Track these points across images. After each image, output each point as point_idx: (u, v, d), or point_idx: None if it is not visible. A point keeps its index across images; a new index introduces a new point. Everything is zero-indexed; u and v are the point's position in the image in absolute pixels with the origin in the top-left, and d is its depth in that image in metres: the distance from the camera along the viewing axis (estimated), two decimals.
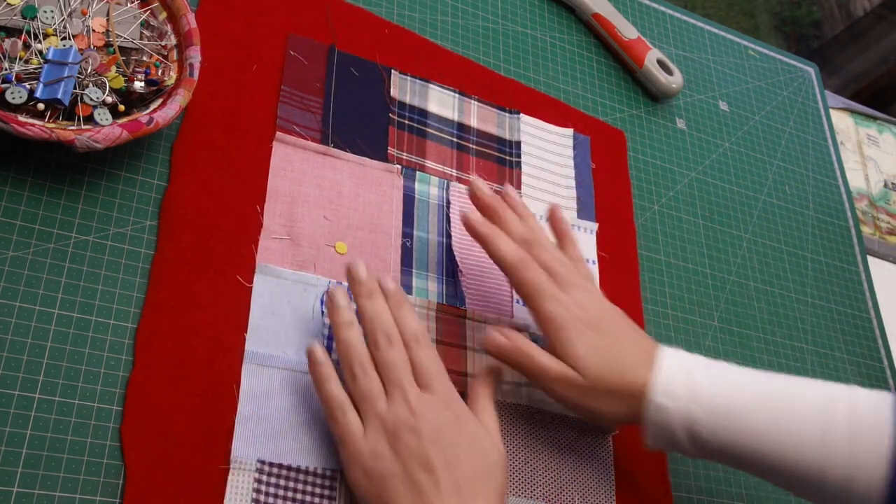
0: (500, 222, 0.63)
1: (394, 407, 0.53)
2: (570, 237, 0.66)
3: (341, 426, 0.53)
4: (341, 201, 0.64)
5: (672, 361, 0.59)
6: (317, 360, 0.55)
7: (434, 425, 0.52)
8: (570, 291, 0.61)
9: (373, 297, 0.57)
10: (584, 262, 0.65)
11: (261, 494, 0.52)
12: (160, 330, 0.54)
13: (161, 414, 0.52)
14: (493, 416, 0.57)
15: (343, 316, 0.56)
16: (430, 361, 0.56)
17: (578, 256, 0.65)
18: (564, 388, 0.59)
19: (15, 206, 0.54)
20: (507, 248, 0.61)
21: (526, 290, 0.61)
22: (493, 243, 0.62)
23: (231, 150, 0.62)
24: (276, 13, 0.69)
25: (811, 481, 0.55)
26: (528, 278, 0.60)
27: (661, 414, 0.57)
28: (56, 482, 0.48)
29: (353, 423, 0.53)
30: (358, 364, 0.54)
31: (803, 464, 0.55)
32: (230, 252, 0.58)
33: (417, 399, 0.53)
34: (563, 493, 0.62)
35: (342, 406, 0.53)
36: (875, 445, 0.53)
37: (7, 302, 0.51)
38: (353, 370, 0.54)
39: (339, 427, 0.53)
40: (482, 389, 0.58)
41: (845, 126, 1.13)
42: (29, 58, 0.54)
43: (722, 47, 0.99)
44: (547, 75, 0.83)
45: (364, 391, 0.54)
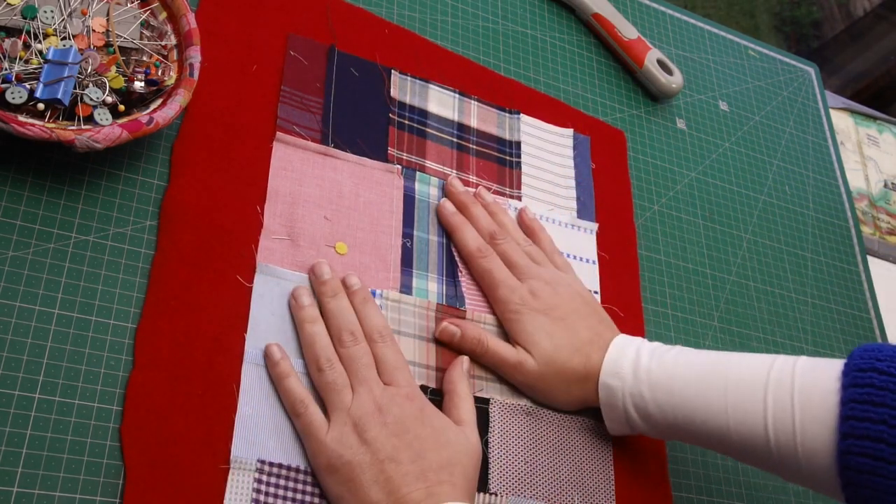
0: (469, 215, 0.67)
1: (359, 400, 0.54)
2: (540, 231, 0.69)
3: (304, 420, 0.54)
4: (341, 201, 0.64)
5: (622, 345, 0.62)
6: (274, 358, 0.56)
7: (399, 418, 0.54)
8: (526, 280, 0.64)
9: (336, 297, 0.58)
10: (559, 254, 0.69)
11: (261, 494, 0.52)
12: (160, 330, 0.54)
13: (161, 414, 0.52)
14: (468, 410, 0.58)
15: (307, 313, 0.58)
16: (394, 357, 0.57)
17: (551, 248, 0.69)
18: (520, 374, 0.62)
19: (15, 206, 0.54)
20: (470, 237, 0.66)
21: (483, 278, 0.65)
22: (459, 231, 0.66)
23: (231, 150, 0.62)
24: (276, 13, 0.69)
25: (758, 449, 0.55)
26: (484, 267, 0.65)
27: (611, 395, 0.61)
28: (56, 482, 0.48)
29: (316, 417, 0.54)
30: (324, 357, 0.56)
31: (748, 433, 0.55)
32: (230, 252, 0.58)
33: (382, 393, 0.55)
34: (563, 493, 0.62)
35: (303, 401, 0.54)
36: (820, 413, 0.53)
37: (7, 302, 0.51)
38: (319, 363, 0.56)
39: (301, 421, 0.54)
40: (456, 380, 0.60)
41: (845, 126, 1.13)
42: (29, 58, 0.54)
43: (722, 47, 0.99)
44: (547, 75, 0.83)
45: (330, 383, 0.55)
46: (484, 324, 0.65)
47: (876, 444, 0.50)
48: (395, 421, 0.53)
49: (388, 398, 0.55)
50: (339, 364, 0.56)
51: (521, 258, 0.65)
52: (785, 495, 0.73)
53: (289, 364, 0.56)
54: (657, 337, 0.74)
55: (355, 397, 0.54)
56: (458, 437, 0.55)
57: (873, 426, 0.50)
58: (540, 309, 0.63)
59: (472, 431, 0.57)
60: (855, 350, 0.55)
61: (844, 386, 0.52)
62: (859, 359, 0.53)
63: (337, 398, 0.54)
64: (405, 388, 0.56)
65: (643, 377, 0.59)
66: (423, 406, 0.56)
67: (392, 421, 0.53)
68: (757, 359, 0.58)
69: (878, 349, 0.53)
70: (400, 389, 0.56)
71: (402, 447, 0.53)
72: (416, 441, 0.53)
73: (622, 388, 0.60)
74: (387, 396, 0.55)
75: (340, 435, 0.53)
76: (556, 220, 0.73)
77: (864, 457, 0.50)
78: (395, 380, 0.56)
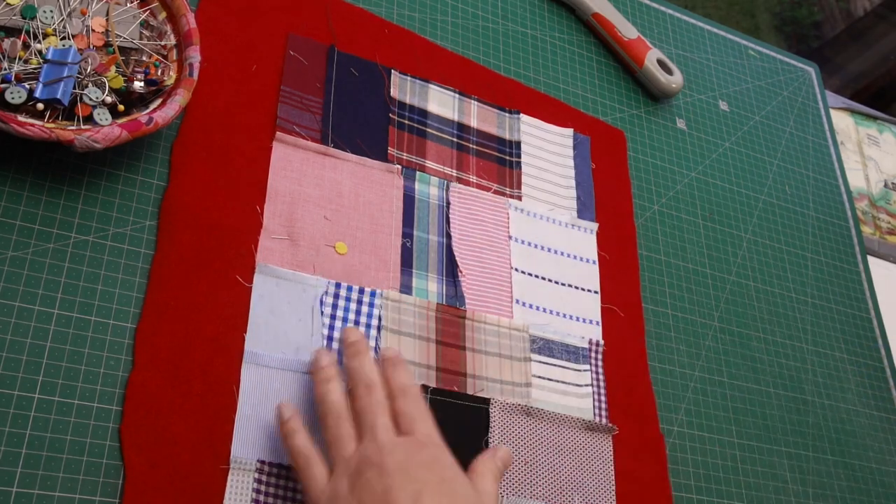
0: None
1: (362, 447, 0.51)
2: None
3: (305, 476, 0.51)
4: (341, 201, 0.64)
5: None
6: (283, 417, 0.54)
7: (401, 461, 0.49)
8: None
9: (359, 356, 0.56)
10: None
11: (260, 494, 0.52)
12: (160, 330, 0.54)
13: (161, 414, 0.52)
14: (490, 484, 0.53)
15: (324, 373, 0.55)
16: (415, 409, 0.53)
17: None
18: None
19: (15, 206, 0.54)
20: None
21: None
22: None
23: (231, 150, 0.61)
24: (276, 13, 0.69)
25: None
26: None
27: None
28: (56, 482, 0.48)
29: (318, 472, 0.51)
30: (333, 414, 0.53)
31: None
32: (230, 252, 0.58)
33: (389, 439, 0.51)
34: (563, 493, 0.62)
35: (307, 458, 0.51)
36: None
37: (7, 302, 0.51)
38: (327, 421, 0.53)
39: (303, 477, 0.51)
40: (485, 463, 0.55)
41: (845, 126, 1.13)
42: (28, 58, 0.54)
43: (722, 47, 0.99)
44: (547, 75, 0.82)
45: (334, 437, 0.52)
46: (485, 324, 0.65)
47: None
48: (395, 463, 0.48)
49: (393, 444, 0.50)
50: (347, 421, 0.52)
51: None
52: (785, 496, 0.73)
53: (298, 422, 0.53)
54: (657, 337, 0.74)
55: (359, 446, 0.51)
56: (466, 490, 0.50)
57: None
58: None
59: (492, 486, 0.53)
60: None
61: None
62: None
63: (339, 450, 0.51)
64: (421, 436, 0.51)
65: None
66: (438, 455, 0.50)
67: (392, 463, 0.48)
68: None
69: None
70: (415, 437, 0.51)
71: (397, 488, 0.47)
72: (417, 483, 0.47)
73: None
74: (393, 442, 0.50)
75: (337, 485, 0.49)
76: (556, 220, 0.73)
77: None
78: (413, 430, 0.52)
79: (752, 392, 0.77)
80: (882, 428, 0.83)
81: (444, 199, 0.69)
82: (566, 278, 0.71)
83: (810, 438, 0.78)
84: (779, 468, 0.74)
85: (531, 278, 0.70)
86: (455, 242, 0.68)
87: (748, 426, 0.75)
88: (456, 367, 0.63)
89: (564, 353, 0.68)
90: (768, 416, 0.77)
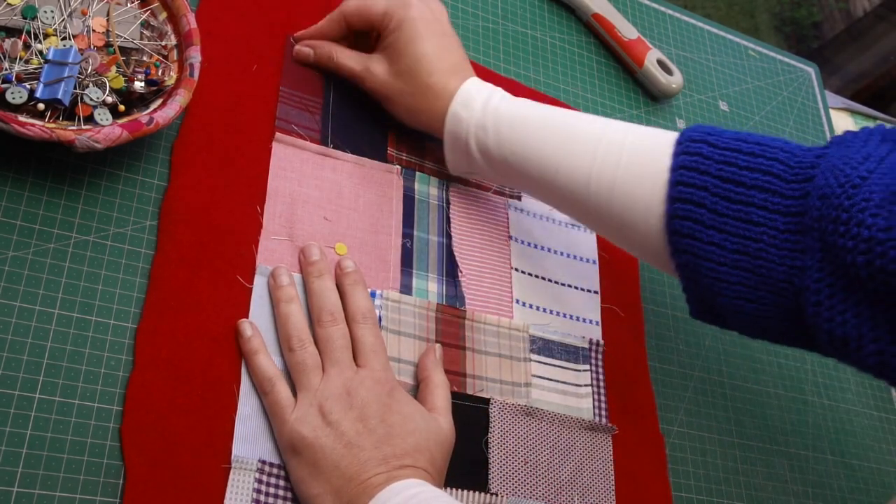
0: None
1: (328, 382, 0.54)
2: None
3: (270, 399, 0.54)
4: (341, 202, 0.64)
5: (478, 84, 0.64)
6: (244, 335, 0.55)
7: (366, 402, 0.53)
8: None
9: (322, 277, 0.58)
10: None
11: (261, 494, 0.52)
12: (160, 330, 0.54)
13: (161, 414, 0.52)
14: (443, 397, 0.58)
15: (284, 292, 0.57)
16: (372, 340, 0.57)
17: None
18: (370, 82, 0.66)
19: (15, 206, 0.54)
20: None
21: None
22: None
23: (231, 150, 0.62)
24: (276, 13, 0.69)
25: (579, 199, 0.60)
26: None
27: (457, 124, 0.63)
28: (56, 482, 0.48)
29: (283, 396, 0.54)
30: (296, 337, 0.55)
31: (572, 181, 0.59)
32: (230, 252, 0.58)
33: (353, 376, 0.54)
34: (563, 493, 0.62)
35: (270, 379, 0.54)
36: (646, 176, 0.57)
37: (7, 302, 0.51)
38: (291, 343, 0.55)
39: (268, 399, 0.54)
40: (430, 368, 0.60)
41: (845, 126, 1.13)
42: (29, 58, 0.54)
43: (722, 47, 0.99)
44: (547, 75, 0.83)
45: (299, 363, 0.55)
46: (485, 324, 0.65)
47: (698, 208, 0.54)
48: (361, 404, 0.53)
49: (357, 381, 0.54)
50: (312, 345, 0.56)
51: None
52: (785, 496, 0.73)
53: (260, 341, 0.55)
54: (657, 337, 0.74)
55: (324, 379, 0.54)
56: (427, 423, 0.55)
57: (697, 192, 0.54)
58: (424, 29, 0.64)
59: (446, 419, 0.57)
60: (690, 126, 0.58)
61: (677, 153, 0.56)
62: (693, 131, 0.57)
63: (305, 379, 0.54)
64: (378, 372, 0.55)
65: (490, 112, 0.62)
66: (392, 391, 0.55)
67: (359, 404, 0.53)
68: (599, 120, 0.61)
69: (710, 127, 0.57)
70: (372, 373, 0.55)
71: (366, 432, 0.52)
72: (381, 426, 0.53)
73: (469, 119, 0.62)
74: (357, 379, 0.54)
75: (305, 415, 0.52)
76: (556, 219, 0.73)
77: (688, 220, 0.54)
78: (369, 363, 0.56)
79: (752, 392, 0.77)
80: (882, 428, 0.83)
81: (444, 199, 0.69)
82: (566, 278, 0.71)
83: (810, 438, 0.78)
84: (779, 468, 0.74)
85: (531, 278, 0.70)
86: (455, 242, 0.68)
87: (748, 426, 0.75)
88: (456, 367, 0.63)
89: (564, 354, 0.68)
90: (768, 416, 0.77)
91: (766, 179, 0.53)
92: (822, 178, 0.50)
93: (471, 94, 0.63)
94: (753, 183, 0.53)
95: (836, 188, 0.49)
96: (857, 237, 0.47)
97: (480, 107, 0.62)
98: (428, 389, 0.58)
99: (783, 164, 0.53)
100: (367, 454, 0.51)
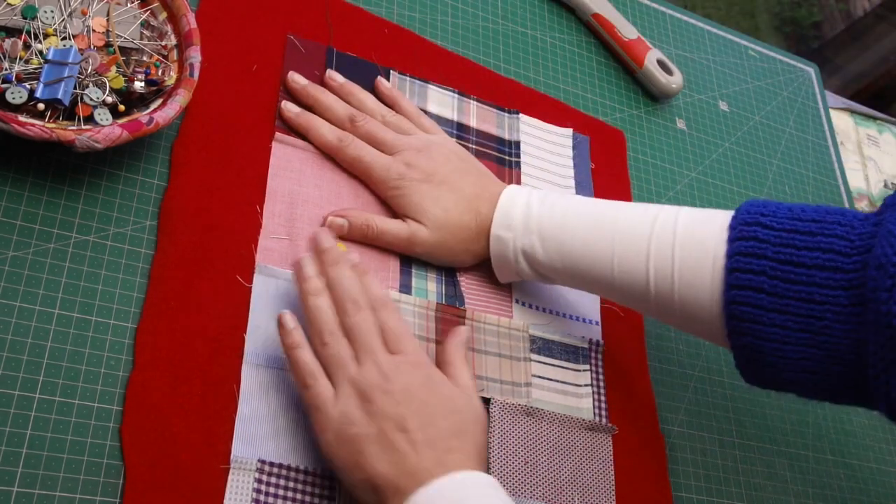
0: (320, 108, 0.66)
1: (365, 371, 0.53)
2: (400, 98, 0.69)
3: (312, 393, 0.53)
4: (341, 202, 0.64)
5: (511, 196, 0.64)
6: (287, 327, 0.55)
7: (405, 386, 0.53)
8: (398, 154, 0.64)
9: (339, 265, 0.58)
10: (425, 117, 0.69)
11: (261, 494, 0.52)
12: (160, 330, 0.54)
13: (161, 414, 0.52)
14: (467, 375, 0.58)
15: (311, 284, 0.57)
16: (397, 324, 0.56)
17: (416, 113, 0.68)
18: (417, 246, 0.63)
19: (15, 206, 0.54)
20: (326, 131, 0.64)
21: (355, 167, 0.65)
22: (312, 131, 0.64)
23: (231, 150, 0.62)
24: (276, 13, 0.69)
25: (639, 297, 0.60)
26: (352, 156, 0.64)
27: (502, 246, 0.63)
28: (56, 482, 0.48)
29: (325, 389, 0.53)
30: (327, 331, 0.55)
31: (631, 282, 0.59)
32: (230, 252, 0.58)
33: (388, 362, 0.54)
34: (563, 493, 0.62)
35: (313, 373, 0.54)
36: (701, 264, 0.56)
37: (7, 302, 0.51)
38: (323, 337, 0.55)
39: (310, 394, 0.53)
40: (454, 351, 0.59)
41: (845, 126, 1.13)
42: (29, 58, 0.54)
43: (722, 47, 0.99)
44: (547, 75, 0.83)
45: (334, 357, 0.54)
46: (485, 324, 0.65)
47: (757, 293, 0.54)
48: (401, 390, 0.52)
49: (393, 367, 0.53)
50: (343, 336, 0.55)
51: (386, 133, 0.65)
52: (785, 496, 0.73)
53: (302, 334, 0.55)
54: (657, 337, 0.74)
55: (361, 368, 0.53)
56: (466, 403, 0.55)
57: (755, 277, 0.54)
58: (419, 178, 0.63)
59: (476, 397, 0.57)
60: (742, 205, 0.58)
61: (731, 239, 0.56)
62: (746, 213, 0.56)
63: (342, 371, 0.53)
64: (411, 356, 0.55)
65: (534, 228, 0.62)
66: (429, 373, 0.55)
67: (398, 390, 0.52)
68: (643, 210, 0.61)
69: (763, 205, 0.57)
70: (406, 357, 0.55)
71: (410, 415, 0.52)
72: (424, 408, 0.52)
73: (513, 239, 0.62)
74: (392, 365, 0.54)
75: (347, 407, 0.52)
76: None
77: (747, 305, 0.54)
78: (400, 348, 0.55)
79: (752, 392, 0.77)
80: (882, 428, 0.83)
81: None
82: None
83: (810, 438, 0.78)
84: (779, 468, 0.74)
85: None
86: None
87: (748, 426, 0.75)
88: None
89: (564, 353, 0.68)
90: (768, 416, 0.77)
91: (827, 258, 0.53)
92: (879, 247, 0.50)
93: (508, 213, 0.63)
94: (814, 263, 0.53)
95: (892, 256, 0.48)
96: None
97: (521, 224, 0.62)
98: (451, 372, 0.58)
99: (843, 240, 0.53)
100: (413, 437, 0.51)
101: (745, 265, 0.54)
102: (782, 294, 0.53)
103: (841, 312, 0.52)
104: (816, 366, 0.54)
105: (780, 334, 0.54)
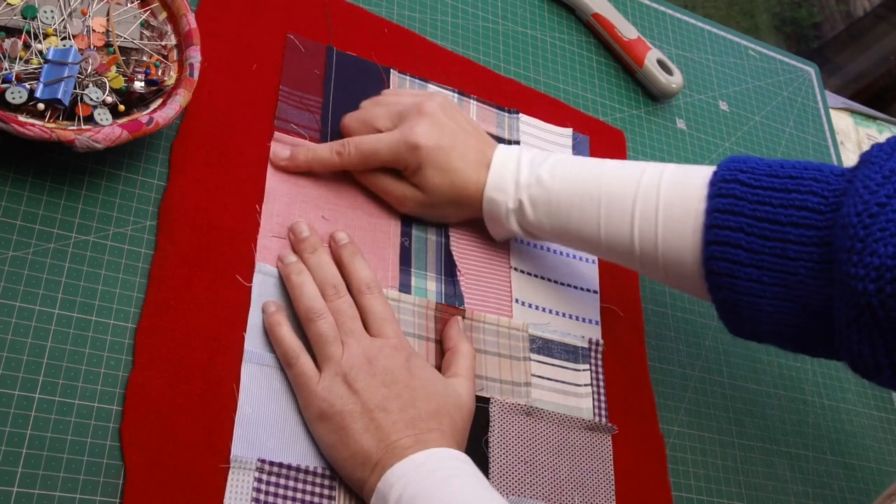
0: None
1: (349, 352, 0.55)
2: None
3: (295, 370, 0.55)
4: (339, 201, 0.64)
5: (501, 158, 0.65)
6: (268, 310, 0.57)
7: (387, 368, 0.55)
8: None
9: (316, 252, 0.59)
10: None
11: (261, 494, 0.52)
12: (160, 330, 0.54)
13: (161, 414, 0.52)
14: (467, 367, 0.60)
15: (293, 267, 0.58)
16: (381, 308, 0.58)
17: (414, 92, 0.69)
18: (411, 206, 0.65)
19: (15, 206, 0.54)
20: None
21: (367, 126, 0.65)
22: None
23: (230, 149, 0.62)
24: (275, 13, 0.69)
25: (625, 256, 0.62)
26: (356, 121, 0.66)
27: (494, 207, 0.64)
28: (56, 482, 0.48)
29: (308, 367, 0.55)
30: (313, 308, 0.57)
31: (617, 243, 0.61)
32: (230, 252, 0.58)
33: (370, 344, 0.56)
34: (563, 493, 0.62)
35: (295, 350, 0.55)
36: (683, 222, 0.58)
37: (7, 302, 0.51)
38: (308, 313, 0.56)
39: (293, 371, 0.55)
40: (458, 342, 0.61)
41: (845, 126, 1.13)
42: (29, 58, 0.54)
43: (722, 47, 0.99)
44: (547, 75, 0.83)
45: (320, 335, 0.56)
46: (485, 323, 0.65)
47: (734, 249, 0.56)
48: (383, 371, 0.55)
49: (376, 349, 0.56)
50: (330, 315, 0.57)
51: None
52: (785, 496, 0.73)
53: (283, 315, 0.57)
54: (657, 337, 0.74)
55: (345, 349, 0.55)
56: (446, 388, 0.57)
57: (733, 233, 0.56)
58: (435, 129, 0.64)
59: (465, 385, 0.58)
60: (722, 162, 0.59)
61: (710, 196, 0.57)
62: (725, 170, 0.57)
63: (327, 350, 0.55)
64: (392, 339, 0.57)
65: (523, 192, 0.63)
66: (410, 357, 0.57)
67: (381, 371, 0.55)
68: (628, 170, 0.62)
69: (743, 161, 0.58)
70: (388, 341, 0.57)
71: (392, 396, 0.54)
72: (406, 391, 0.54)
73: (504, 202, 0.64)
74: (375, 348, 0.56)
75: (331, 385, 0.54)
76: None
77: (724, 261, 0.56)
78: (382, 331, 0.57)
79: (752, 392, 0.77)
80: (882, 428, 0.83)
81: None
82: (566, 278, 0.71)
83: (810, 438, 0.78)
84: (779, 468, 0.74)
85: (530, 277, 0.70)
86: (453, 241, 0.68)
87: (748, 426, 0.75)
88: None
89: (564, 353, 0.68)
90: (768, 416, 0.77)
91: (801, 215, 0.54)
92: (846, 206, 0.51)
93: (501, 175, 0.64)
94: (788, 220, 0.54)
95: (853, 217, 0.49)
96: (869, 265, 0.47)
97: (512, 187, 0.64)
98: (454, 358, 0.60)
99: (817, 197, 0.54)
100: (394, 417, 0.53)
101: (723, 222, 0.56)
102: (758, 250, 0.55)
103: (813, 268, 0.53)
104: (791, 319, 0.55)
105: (757, 289, 0.55)
